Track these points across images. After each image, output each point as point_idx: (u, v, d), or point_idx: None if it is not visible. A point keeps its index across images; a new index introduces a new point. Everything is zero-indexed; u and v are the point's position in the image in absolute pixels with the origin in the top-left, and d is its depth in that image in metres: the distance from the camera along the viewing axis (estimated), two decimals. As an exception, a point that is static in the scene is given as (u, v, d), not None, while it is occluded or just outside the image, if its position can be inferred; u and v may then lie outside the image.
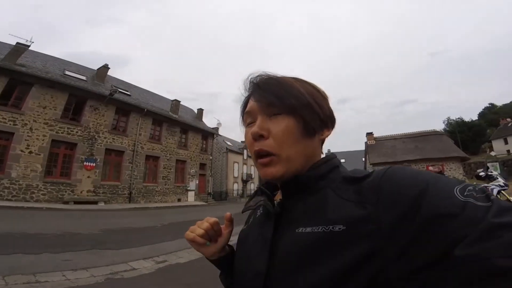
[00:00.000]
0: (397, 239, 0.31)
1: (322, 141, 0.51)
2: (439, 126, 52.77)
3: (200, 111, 26.59)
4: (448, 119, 54.07)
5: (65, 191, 12.66)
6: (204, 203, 20.24)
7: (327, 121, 0.49)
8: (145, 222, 9.04)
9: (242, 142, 37.48)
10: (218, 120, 29.91)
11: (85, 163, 13.59)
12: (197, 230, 0.55)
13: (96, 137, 14.49)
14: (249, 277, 0.45)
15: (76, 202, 12.41)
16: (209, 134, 24.55)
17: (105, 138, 14.95)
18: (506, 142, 35.07)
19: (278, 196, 0.52)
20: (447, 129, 47.11)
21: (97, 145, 14.46)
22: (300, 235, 0.40)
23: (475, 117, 57.29)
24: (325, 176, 0.45)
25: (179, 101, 22.37)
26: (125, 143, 16.09)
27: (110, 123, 15.46)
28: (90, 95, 14.52)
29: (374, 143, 23.33)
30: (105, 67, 17.52)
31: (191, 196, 20.54)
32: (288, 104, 0.45)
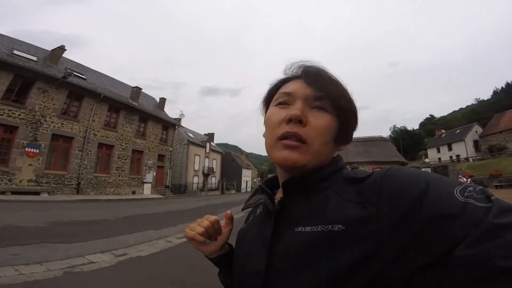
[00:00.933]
0: (397, 240, 0.31)
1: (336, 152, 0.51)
2: (386, 133, 59.18)
3: (163, 100, 25.55)
4: (394, 126, 61.23)
5: (1, 180, 11.29)
6: (161, 196, 19.70)
7: (351, 137, 0.51)
8: (97, 214, 8.61)
9: (205, 134, 36.99)
10: (181, 111, 28.98)
11: (26, 149, 12.23)
12: (197, 228, 0.55)
13: (42, 121, 13.12)
14: (248, 276, 0.46)
15: (14, 193, 11.18)
16: (171, 125, 23.80)
17: (52, 122, 13.60)
18: (438, 151, 40.52)
19: (279, 195, 0.52)
20: (393, 136, 53.09)
21: (43, 130, 13.10)
22: (300, 234, 0.40)
23: (416, 126, 65.56)
24: (328, 177, 0.45)
25: (141, 89, 21.27)
26: (75, 129, 14.84)
27: (60, 107, 14.12)
28: (39, 77, 13.12)
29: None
30: (61, 48, 15.91)
31: (147, 189, 19.81)
32: (341, 105, 0.46)
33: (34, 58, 13.99)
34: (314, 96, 0.46)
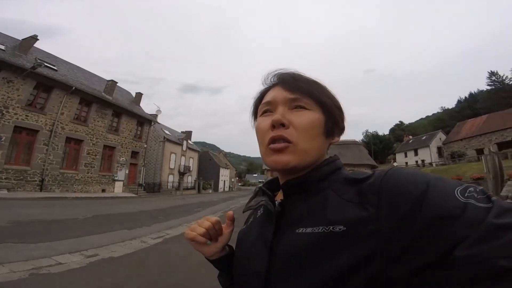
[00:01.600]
0: (397, 240, 0.31)
1: (329, 145, 0.51)
2: (359, 137, 62.11)
3: (139, 95, 24.62)
4: (366, 131, 64.42)
5: (-49, 174, 10.23)
6: (133, 195, 18.96)
7: (342, 128, 0.52)
8: (63, 213, 8.15)
9: (182, 132, 36.15)
10: (158, 107, 27.97)
11: (-16, 141, 11.21)
12: (198, 229, 0.55)
13: (3, 112, 12.04)
14: (248, 278, 0.46)
15: (-34, 188, 10.17)
16: (146, 121, 22.97)
17: (15, 114, 12.54)
18: (406, 155, 42.78)
19: (279, 197, 0.53)
20: (365, 140, 55.77)
21: (4, 121, 12.03)
22: (301, 235, 0.40)
23: (387, 132, 69.26)
24: (327, 177, 0.45)
25: (116, 82, 20.33)
26: (41, 121, 13.80)
27: (25, 98, 13.06)
28: (5, 66, 12.10)
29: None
30: (33, 38, 14.87)
31: (118, 187, 18.95)
32: (323, 101, 0.47)
33: (2, 47, 12.88)
34: (292, 98, 0.48)
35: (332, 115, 0.48)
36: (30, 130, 13.38)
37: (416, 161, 39.25)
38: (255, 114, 0.57)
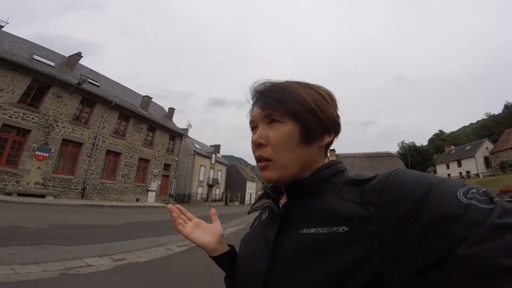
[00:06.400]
0: (399, 240, 0.32)
1: (326, 146, 0.51)
2: (395, 149, 58.26)
3: (171, 110, 25.99)
4: (402, 142, 60.04)
5: (9, 181, 11.43)
6: (164, 205, 19.57)
7: (329, 126, 0.49)
8: (99, 219, 8.60)
9: (211, 146, 37.17)
10: (188, 122, 29.22)
11: (36, 152, 12.46)
12: (175, 222, 0.61)
13: (54, 125, 13.42)
14: (249, 277, 0.46)
15: (20, 194, 11.26)
16: (178, 135, 24.04)
17: (63, 127, 13.90)
18: (448, 167, 39.40)
19: (283, 200, 0.53)
20: (400, 151, 52.08)
21: (54, 134, 13.38)
22: (304, 236, 0.40)
23: (425, 142, 64.30)
24: (329, 179, 0.46)
25: (151, 98, 21.72)
26: (85, 135, 15.11)
27: (72, 113, 14.45)
28: (55, 82, 13.55)
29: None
30: (78, 55, 16.52)
31: (151, 197, 19.78)
32: (290, 109, 0.47)
33: (52, 64, 14.46)
34: (264, 115, 0.49)
35: (304, 121, 0.47)
36: (75, 143, 14.69)
37: (460, 173, 35.75)
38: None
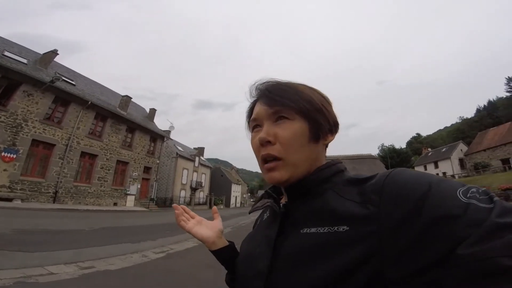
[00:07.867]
0: (398, 240, 0.31)
1: (326, 146, 0.52)
2: (375, 151, 60.14)
3: (153, 111, 25.27)
4: (382, 145, 62.28)
5: (-30, 184, 10.54)
6: (145, 209, 18.88)
7: (332, 126, 0.51)
8: (71, 224, 8.09)
9: (194, 148, 36.50)
10: (171, 123, 28.50)
11: (3, 154, 11.56)
12: (178, 218, 0.67)
13: (23, 125, 12.56)
14: (251, 277, 0.46)
15: (-18, 198, 10.40)
16: (159, 137, 23.35)
17: (34, 127, 13.04)
18: (425, 169, 40.78)
19: (284, 200, 0.53)
20: (381, 154, 53.83)
21: (23, 135, 12.51)
22: (305, 235, 0.41)
23: (404, 145, 66.83)
24: (329, 179, 0.46)
25: (130, 98, 20.98)
26: (58, 135, 14.27)
27: (43, 112, 13.61)
28: (26, 80, 12.73)
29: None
30: (53, 52, 15.68)
31: (130, 201, 18.99)
32: (301, 107, 0.47)
33: (24, 61, 13.66)
34: (272, 112, 0.48)
35: (314, 119, 0.47)
36: (47, 144, 13.81)
37: (437, 174, 37.24)
38: (249, 128, 0.58)
